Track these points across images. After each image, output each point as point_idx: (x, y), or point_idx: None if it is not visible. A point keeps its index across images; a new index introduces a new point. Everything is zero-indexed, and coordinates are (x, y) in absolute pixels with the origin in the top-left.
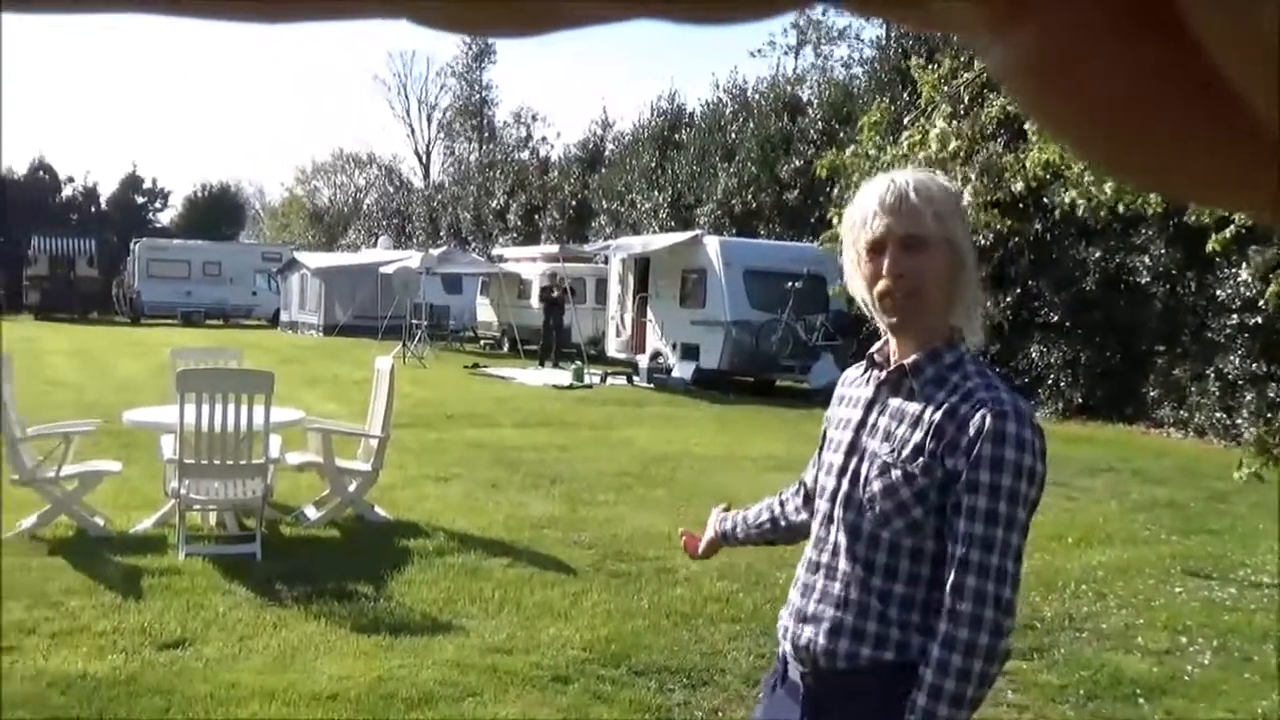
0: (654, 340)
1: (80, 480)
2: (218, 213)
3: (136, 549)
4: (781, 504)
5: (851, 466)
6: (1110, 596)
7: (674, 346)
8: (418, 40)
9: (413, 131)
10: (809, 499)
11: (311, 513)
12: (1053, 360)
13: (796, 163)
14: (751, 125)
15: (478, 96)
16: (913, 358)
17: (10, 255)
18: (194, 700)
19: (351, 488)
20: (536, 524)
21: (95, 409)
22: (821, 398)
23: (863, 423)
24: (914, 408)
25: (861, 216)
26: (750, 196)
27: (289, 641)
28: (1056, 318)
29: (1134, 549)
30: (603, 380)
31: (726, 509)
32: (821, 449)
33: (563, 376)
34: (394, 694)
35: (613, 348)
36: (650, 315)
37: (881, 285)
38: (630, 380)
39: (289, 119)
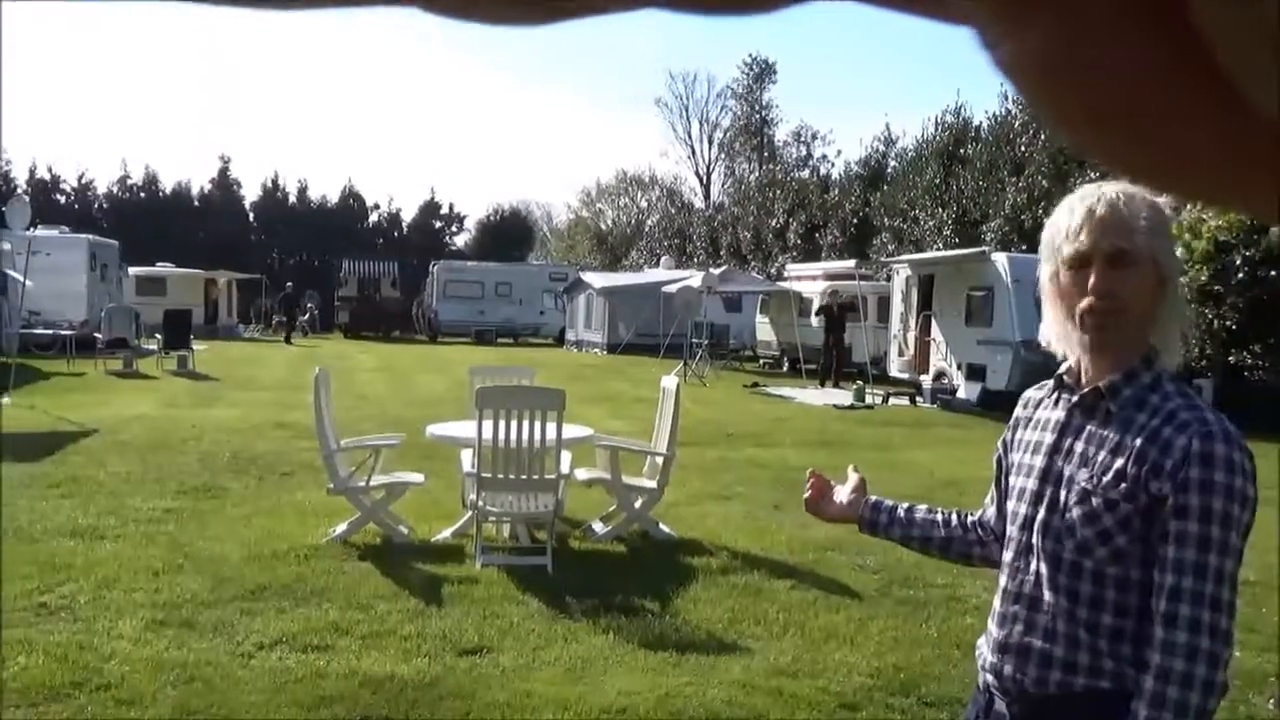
0: (938, 360)
1: (387, 490)
2: (508, 235)
3: (437, 557)
4: (961, 522)
5: (1048, 493)
6: None
7: (959, 366)
8: (699, 62)
9: (693, 153)
10: (995, 536)
11: (599, 527)
12: None
13: (1092, 175)
14: (1043, 137)
15: (758, 116)
16: (1109, 379)
17: (325, 278)
18: (492, 707)
19: (638, 504)
20: (820, 546)
21: (399, 423)
22: None
23: (1056, 447)
24: (1112, 431)
25: (1066, 227)
26: (1041, 211)
27: (579, 654)
28: None
29: None
30: (885, 401)
31: (863, 483)
32: (1000, 476)
33: (844, 396)
34: (681, 712)
35: (895, 367)
36: (934, 334)
37: (1085, 303)
38: (913, 401)
39: (575, 143)
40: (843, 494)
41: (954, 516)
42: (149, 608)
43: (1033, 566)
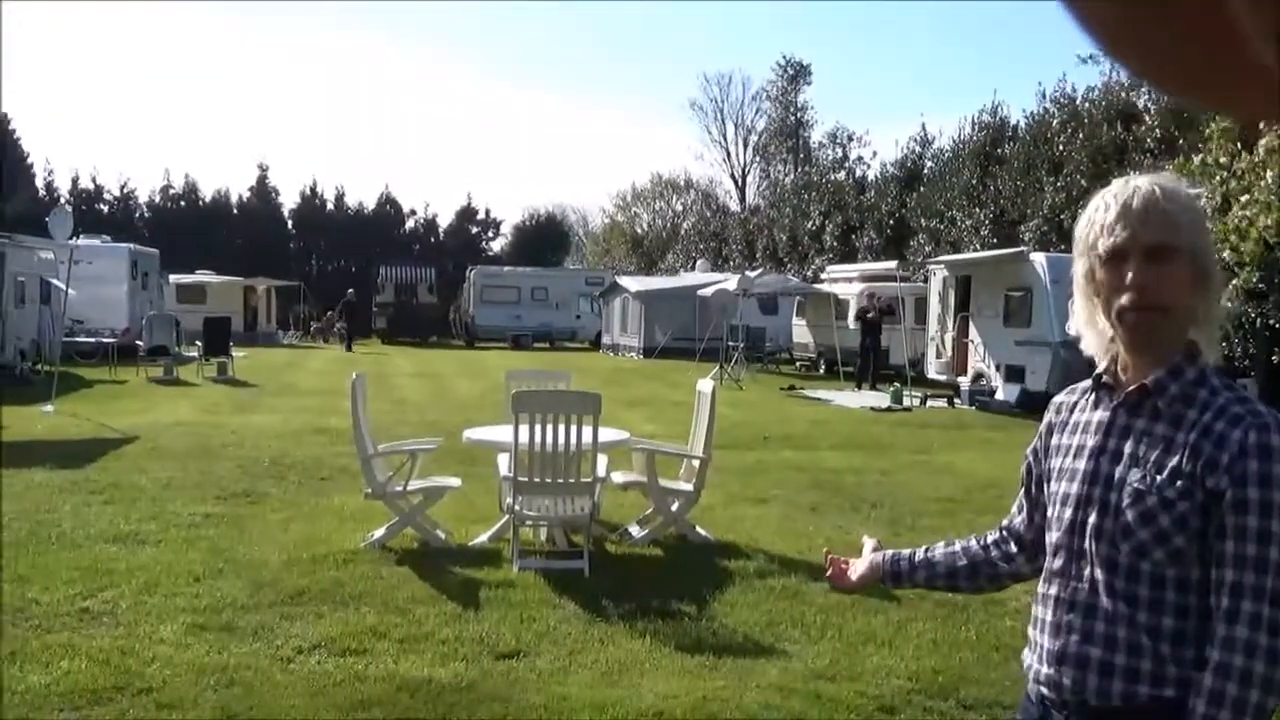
0: (976, 361)
1: (424, 495)
2: (544, 239)
3: (474, 561)
4: (982, 546)
5: (1097, 496)
6: None
7: (997, 368)
8: (733, 64)
9: (729, 156)
10: (1022, 546)
11: (636, 531)
12: None
13: (1131, 174)
14: (1081, 136)
15: (793, 119)
16: (1154, 376)
17: (362, 284)
18: (529, 710)
19: (674, 507)
20: (857, 548)
21: (436, 427)
22: None
23: (1101, 449)
24: (1163, 429)
25: (1102, 222)
26: (1079, 211)
27: (615, 657)
28: None
29: None
30: (922, 403)
31: (879, 545)
32: (1030, 484)
33: (881, 399)
34: (718, 715)
35: (932, 369)
36: (972, 335)
37: (1124, 299)
38: (951, 403)
39: (610, 147)
40: (861, 564)
41: (972, 542)
42: (189, 612)
43: (1086, 573)
